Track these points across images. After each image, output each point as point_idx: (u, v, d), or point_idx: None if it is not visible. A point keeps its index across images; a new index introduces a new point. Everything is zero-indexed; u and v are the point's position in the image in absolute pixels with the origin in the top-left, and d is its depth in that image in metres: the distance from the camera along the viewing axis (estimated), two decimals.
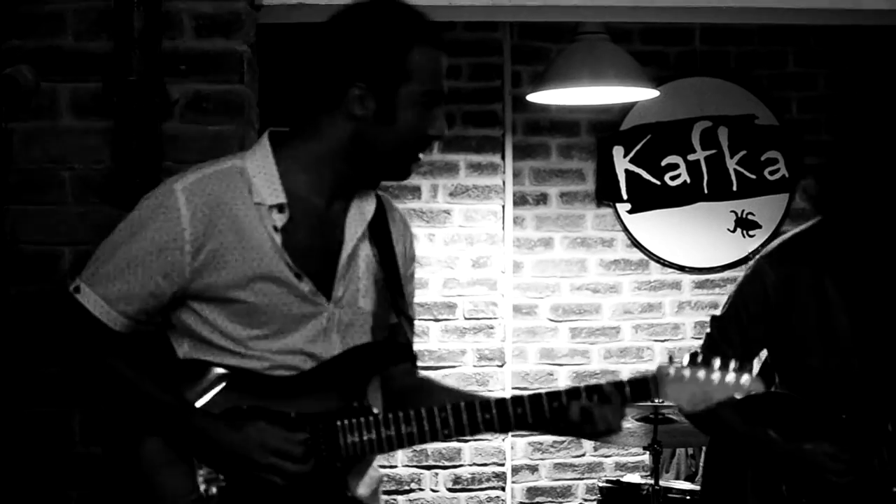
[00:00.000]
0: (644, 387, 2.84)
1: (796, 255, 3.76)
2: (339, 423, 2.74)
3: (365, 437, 2.74)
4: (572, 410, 2.80)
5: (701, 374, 2.85)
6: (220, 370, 2.74)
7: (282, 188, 2.75)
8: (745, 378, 2.86)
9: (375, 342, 2.85)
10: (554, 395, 2.81)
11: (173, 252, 2.70)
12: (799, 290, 3.72)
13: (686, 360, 2.86)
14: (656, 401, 2.85)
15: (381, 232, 2.88)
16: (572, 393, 2.82)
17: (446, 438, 2.79)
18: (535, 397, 2.81)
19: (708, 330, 3.87)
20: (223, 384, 2.73)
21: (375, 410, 2.79)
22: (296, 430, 2.71)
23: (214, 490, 2.71)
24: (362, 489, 2.82)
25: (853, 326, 3.69)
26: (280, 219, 2.73)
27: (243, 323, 2.73)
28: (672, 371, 2.86)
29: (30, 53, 3.80)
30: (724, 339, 3.78)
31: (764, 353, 3.89)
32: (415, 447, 6.27)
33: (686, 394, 2.85)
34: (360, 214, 2.84)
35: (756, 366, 3.82)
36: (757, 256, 3.87)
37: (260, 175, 2.76)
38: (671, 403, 2.89)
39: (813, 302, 3.71)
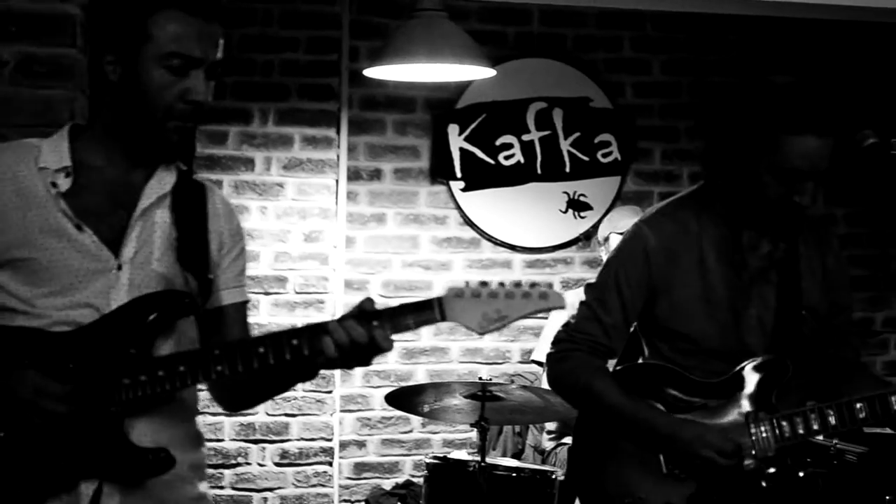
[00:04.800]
0: (428, 308, 2.76)
1: (676, 219, 3.66)
2: (113, 368, 2.76)
3: (141, 379, 2.76)
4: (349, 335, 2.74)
5: (493, 290, 2.75)
6: (4, 332, 2.78)
7: (69, 156, 2.85)
8: (542, 290, 2.76)
9: (154, 293, 2.85)
10: (345, 319, 2.76)
11: None
12: (679, 255, 3.62)
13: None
14: (441, 323, 2.70)
15: (189, 206, 2.95)
16: (354, 316, 2.75)
17: (221, 376, 2.76)
18: (312, 327, 2.77)
19: (583, 298, 3.70)
20: (5, 344, 2.76)
21: (153, 354, 2.81)
22: (71, 378, 2.74)
23: None
24: (148, 438, 2.82)
25: (728, 294, 3.61)
26: (64, 183, 2.82)
27: (29, 282, 2.78)
28: (460, 291, 2.75)
29: None
30: (601, 306, 3.64)
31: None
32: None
33: (477, 314, 2.74)
34: (158, 184, 2.91)
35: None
36: (636, 221, 3.71)
37: (49, 147, 2.87)
38: (461, 324, 2.74)
39: (694, 267, 3.62)
